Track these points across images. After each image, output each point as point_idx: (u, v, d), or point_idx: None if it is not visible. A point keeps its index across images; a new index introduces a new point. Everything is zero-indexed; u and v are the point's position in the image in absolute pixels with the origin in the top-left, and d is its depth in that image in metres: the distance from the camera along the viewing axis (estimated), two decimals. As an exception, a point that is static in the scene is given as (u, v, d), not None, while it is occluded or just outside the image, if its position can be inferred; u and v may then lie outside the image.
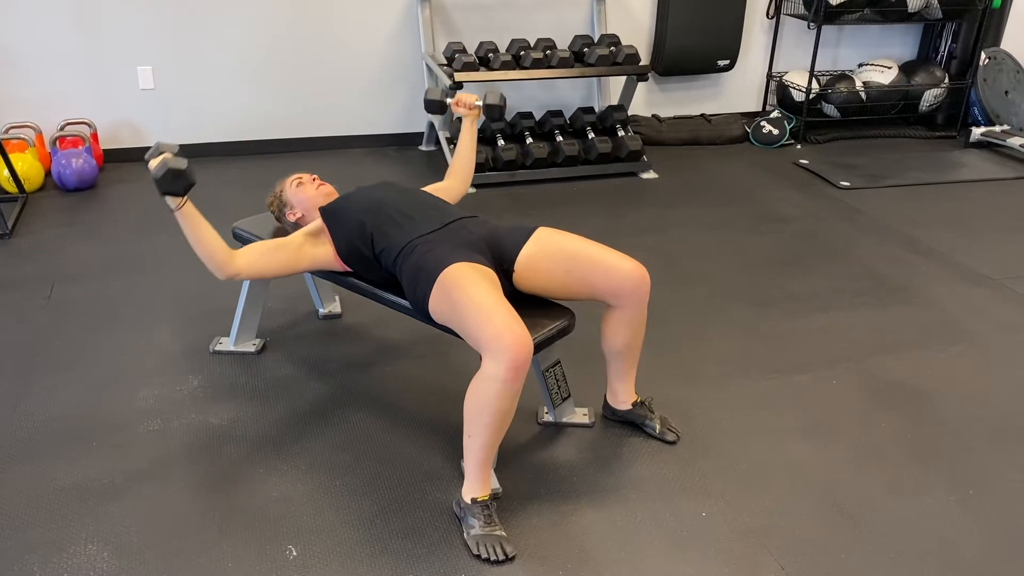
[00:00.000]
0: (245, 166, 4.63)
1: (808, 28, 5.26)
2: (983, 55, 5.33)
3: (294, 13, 4.58)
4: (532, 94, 5.08)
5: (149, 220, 3.84)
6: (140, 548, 1.93)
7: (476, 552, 1.91)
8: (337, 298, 3.06)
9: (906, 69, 5.38)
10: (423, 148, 5.01)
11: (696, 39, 5.04)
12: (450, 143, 4.60)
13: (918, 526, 2.05)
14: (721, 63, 5.17)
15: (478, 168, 4.24)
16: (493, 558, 1.89)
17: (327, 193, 2.46)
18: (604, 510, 2.08)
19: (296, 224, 2.49)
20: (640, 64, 4.48)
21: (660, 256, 3.55)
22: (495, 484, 2.09)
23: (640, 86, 5.11)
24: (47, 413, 2.42)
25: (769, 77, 5.48)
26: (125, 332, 2.87)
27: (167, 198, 1.98)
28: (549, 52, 4.39)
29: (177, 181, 1.93)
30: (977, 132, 5.18)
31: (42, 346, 2.77)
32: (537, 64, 4.33)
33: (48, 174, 4.35)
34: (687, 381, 2.65)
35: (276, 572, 1.87)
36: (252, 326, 2.77)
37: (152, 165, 1.95)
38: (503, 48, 4.72)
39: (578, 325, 2.24)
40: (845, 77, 5.32)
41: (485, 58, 4.44)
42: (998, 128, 5.19)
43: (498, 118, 2.59)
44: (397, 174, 4.54)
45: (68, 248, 3.54)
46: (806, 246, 3.70)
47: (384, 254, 2.18)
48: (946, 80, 5.37)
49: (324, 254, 2.29)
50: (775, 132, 5.18)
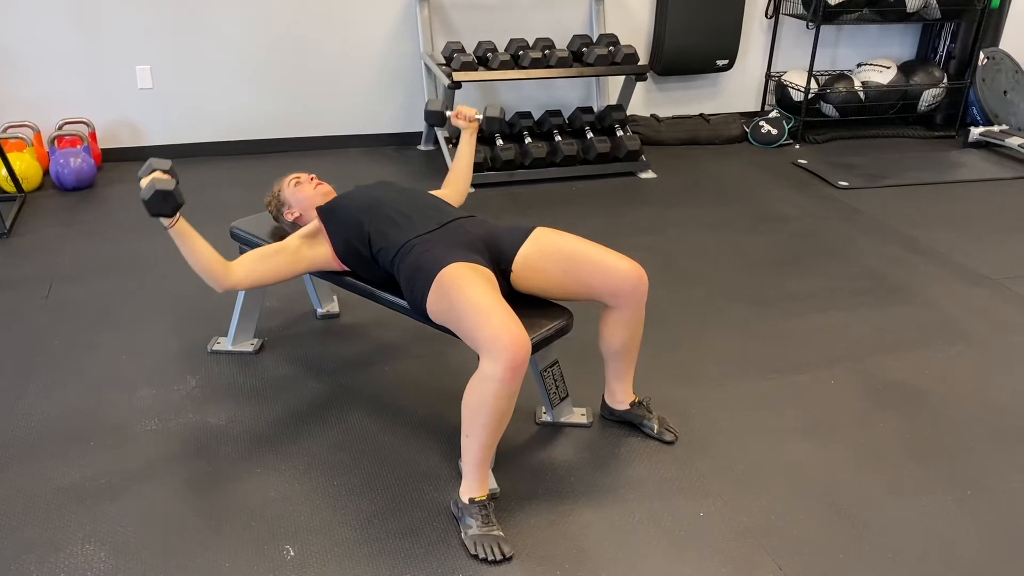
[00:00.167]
0: (243, 165, 4.62)
1: (807, 28, 5.26)
2: (982, 55, 5.33)
3: (293, 13, 4.57)
4: (531, 94, 5.07)
5: (147, 220, 3.82)
6: (137, 548, 1.93)
7: (474, 552, 1.91)
8: (335, 298, 3.06)
9: (905, 69, 5.38)
10: (422, 148, 5.01)
11: (695, 39, 5.04)
12: (449, 143, 4.60)
13: (916, 526, 2.05)
14: (720, 63, 5.17)
15: (477, 168, 4.23)
16: (491, 558, 1.89)
17: (325, 192, 2.46)
18: (602, 510, 2.08)
19: (294, 224, 2.48)
20: (639, 64, 4.48)
21: (658, 256, 3.55)
22: (493, 484, 2.09)
23: (639, 86, 5.11)
24: (45, 413, 2.42)
25: (768, 77, 5.48)
26: (123, 332, 2.87)
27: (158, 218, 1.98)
28: (548, 52, 4.39)
29: (165, 203, 1.93)
30: (976, 132, 5.19)
31: (40, 346, 2.77)
32: (536, 64, 4.33)
33: (46, 173, 4.35)
34: (685, 381, 2.65)
35: (274, 572, 1.87)
36: (250, 326, 2.77)
37: (142, 185, 1.95)
38: (502, 48, 4.72)
39: (576, 325, 2.24)
40: (844, 77, 5.32)
41: (484, 58, 4.44)
42: (997, 128, 5.19)
43: (497, 131, 2.62)
44: (395, 174, 4.53)
45: (66, 248, 3.53)
46: (805, 246, 3.70)
47: (382, 254, 2.18)
48: (945, 80, 5.37)
49: (322, 254, 2.29)
50: (774, 132, 5.18)
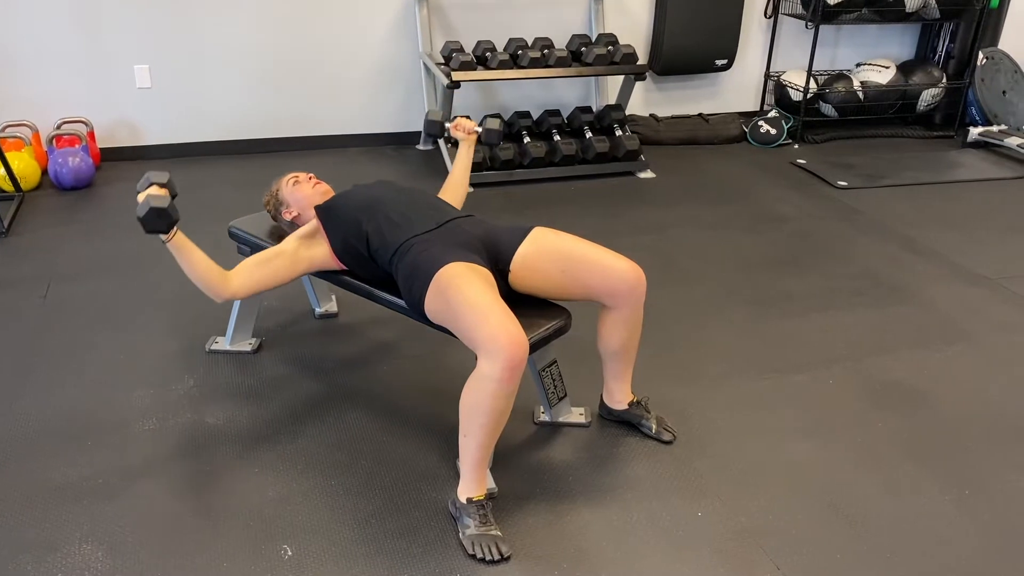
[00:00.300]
0: (241, 165, 4.62)
1: (806, 28, 5.25)
2: (981, 55, 5.33)
3: (291, 12, 4.57)
4: (530, 93, 5.07)
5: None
6: (135, 548, 1.93)
7: (471, 552, 1.91)
8: (333, 297, 3.06)
9: (904, 69, 5.38)
10: (420, 147, 5.00)
11: (694, 39, 5.04)
12: (447, 143, 4.60)
13: (914, 526, 2.05)
14: (719, 63, 5.16)
15: (475, 167, 4.23)
16: (488, 558, 1.89)
17: (323, 192, 2.46)
18: (600, 510, 2.08)
19: (292, 223, 2.48)
20: (638, 63, 4.48)
21: (657, 256, 3.55)
22: (491, 484, 2.09)
23: (638, 85, 5.11)
24: (42, 412, 2.41)
25: (767, 77, 5.48)
26: (121, 331, 2.87)
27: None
28: (547, 51, 4.39)
29: (160, 219, 1.93)
30: (975, 132, 5.19)
31: (38, 345, 2.77)
32: (535, 63, 4.33)
33: (45, 173, 4.34)
34: (683, 381, 2.64)
35: (271, 572, 1.87)
36: (248, 325, 2.77)
37: (138, 199, 1.95)
38: (501, 47, 4.71)
39: (575, 324, 2.24)
40: (843, 77, 5.32)
41: (483, 57, 4.44)
42: (996, 128, 5.19)
43: (496, 143, 2.66)
44: (394, 173, 4.53)
45: (64, 247, 3.53)
46: (803, 246, 3.70)
47: (380, 253, 2.17)
48: (944, 80, 5.37)
49: (321, 254, 2.28)
50: (773, 132, 5.18)
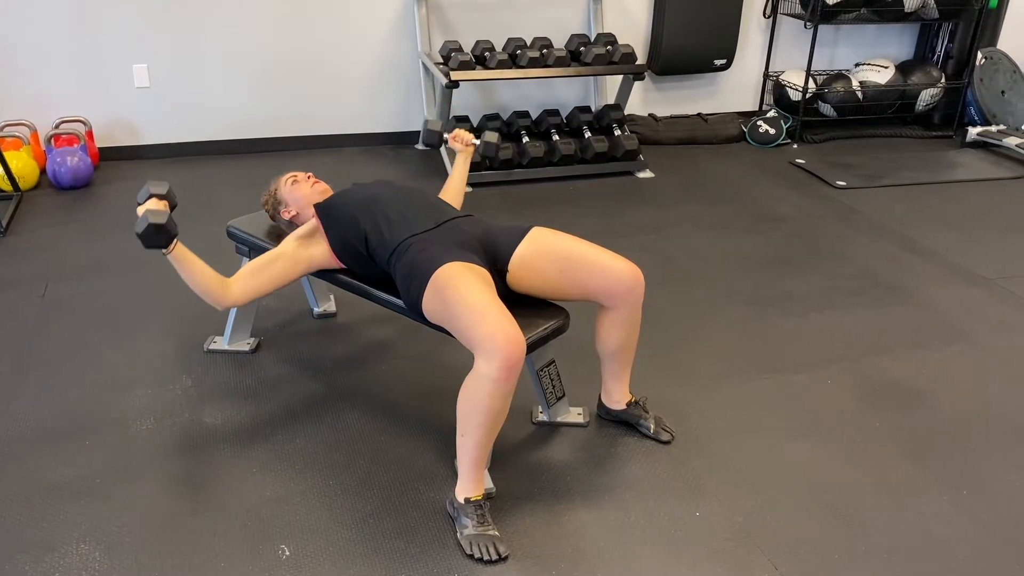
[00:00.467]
0: (240, 164, 4.62)
1: (805, 28, 5.25)
2: (979, 55, 5.33)
3: (290, 11, 4.57)
4: (528, 93, 5.07)
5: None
6: (132, 548, 1.92)
7: (469, 552, 1.90)
8: (332, 297, 3.06)
9: (903, 69, 5.38)
10: (419, 147, 5.00)
11: (693, 38, 5.04)
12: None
13: (912, 526, 2.05)
14: (718, 62, 5.16)
15: (474, 167, 4.22)
16: (486, 558, 1.89)
17: (322, 191, 2.45)
18: (598, 510, 2.08)
19: (290, 222, 2.48)
20: (636, 63, 4.48)
21: (656, 255, 3.55)
22: (489, 484, 2.09)
23: (637, 85, 5.10)
24: (40, 412, 2.41)
25: (766, 76, 5.48)
26: (119, 331, 2.86)
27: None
28: (546, 51, 4.39)
29: (158, 236, 1.94)
30: (973, 132, 5.19)
31: (36, 345, 2.77)
32: (533, 63, 4.33)
33: (43, 172, 4.34)
34: (682, 381, 2.64)
35: (269, 572, 1.87)
36: (246, 325, 2.77)
37: (138, 213, 1.96)
38: (499, 47, 4.71)
39: (573, 324, 2.23)
40: (842, 77, 5.32)
41: (481, 57, 4.44)
42: (994, 128, 5.20)
43: (493, 157, 2.69)
44: (392, 173, 4.53)
45: (62, 247, 3.53)
46: (802, 246, 3.70)
47: (378, 252, 2.17)
48: (942, 80, 5.37)
49: (320, 253, 2.28)
50: (771, 131, 5.18)
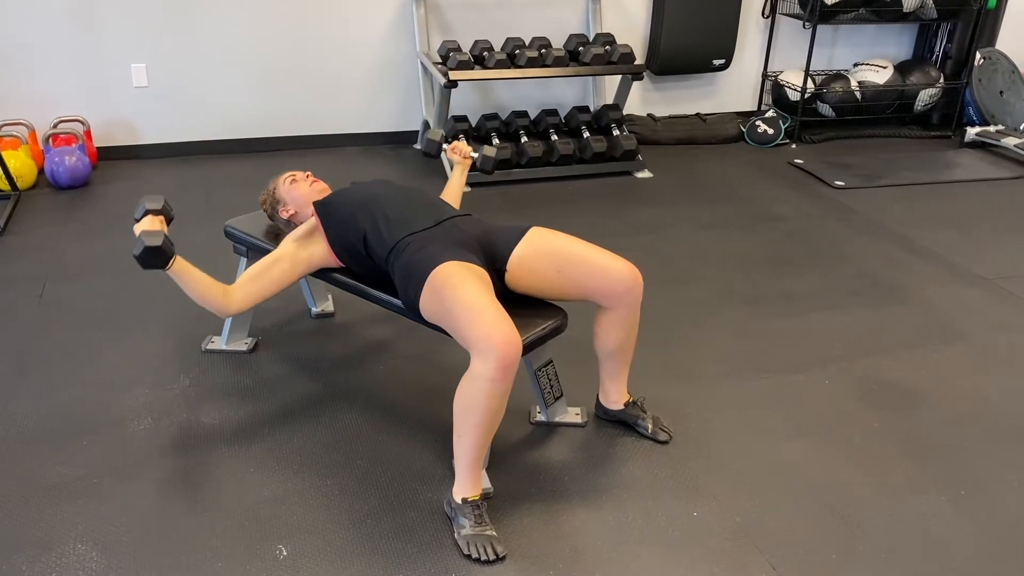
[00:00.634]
0: (238, 164, 4.61)
1: (803, 27, 5.26)
2: (978, 55, 5.33)
3: (288, 11, 4.56)
4: (527, 93, 5.07)
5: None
6: (129, 548, 1.92)
7: (467, 552, 1.90)
8: (330, 297, 3.06)
9: (901, 69, 5.38)
10: (417, 147, 5.00)
11: (691, 38, 5.04)
12: (445, 140, 4.58)
13: (910, 526, 2.05)
14: (716, 62, 5.16)
15: (474, 166, 4.22)
16: (484, 558, 1.89)
17: (320, 190, 2.45)
18: (596, 510, 2.08)
19: (288, 222, 2.48)
20: (635, 63, 4.48)
21: (654, 255, 3.55)
22: (486, 484, 2.09)
23: (635, 85, 5.10)
24: (38, 412, 2.41)
25: (764, 76, 5.48)
26: (117, 331, 2.86)
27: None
28: (544, 51, 4.38)
29: (156, 258, 1.95)
30: (972, 132, 5.19)
31: (34, 345, 2.76)
32: (532, 63, 4.33)
33: (41, 172, 4.33)
34: (680, 380, 2.64)
35: (266, 571, 1.86)
36: (244, 325, 2.76)
37: (135, 232, 1.98)
38: (498, 47, 4.71)
39: (571, 324, 2.23)
40: (840, 77, 5.32)
41: (480, 57, 4.44)
42: (993, 128, 5.20)
43: (490, 171, 2.71)
44: (391, 172, 4.53)
45: (61, 246, 3.52)
46: (800, 246, 3.70)
47: (377, 250, 2.17)
48: (941, 80, 5.38)
49: (319, 252, 2.28)
50: (770, 131, 5.18)
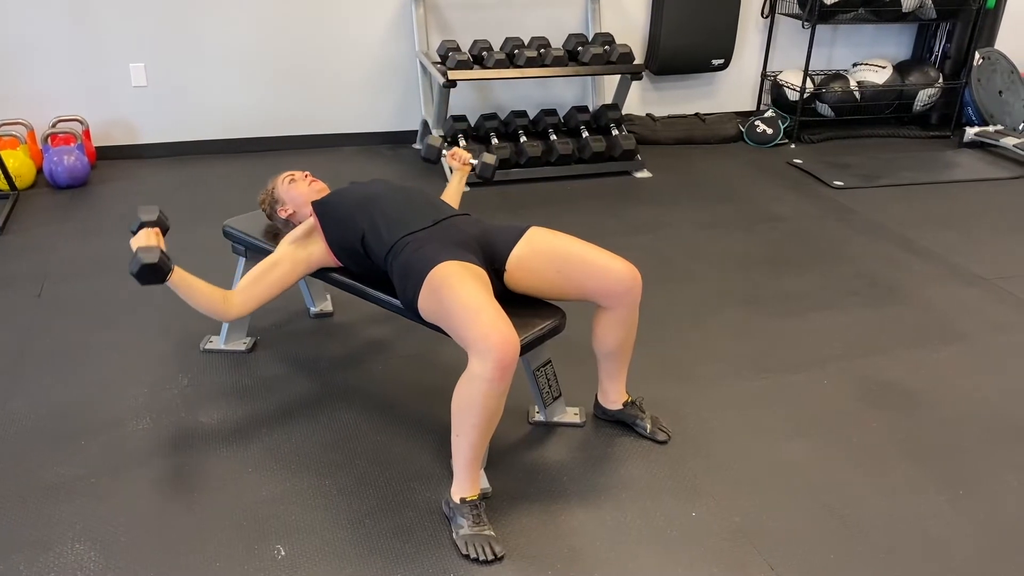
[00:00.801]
0: (237, 164, 4.61)
1: (803, 27, 5.26)
2: (977, 55, 5.33)
3: (287, 10, 4.56)
4: (526, 92, 5.07)
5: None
6: (127, 547, 1.92)
7: (465, 552, 1.90)
8: (328, 297, 3.05)
9: (900, 69, 5.38)
10: (416, 146, 5.00)
11: (690, 38, 5.04)
12: (444, 140, 4.58)
13: (909, 526, 2.05)
14: (715, 62, 5.16)
15: (473, 172, 4.23)
16: (482, 558, 1.89)
17: (319, 190, 2.45)
18: (594, 510, 2.07)
19: (287, 221, 2.48)
20: (634, 63, 4.47)
21: (653, 255, 3.55)
22: (484, 484, 2.09)
23: (634, 85, 5.10)
24: (36, 411, 2.41)
25: (763, 76, 5.48)
26: (115, 330, 2.86)
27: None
28: (543, 50, 4.38)
29: (153, 275, 1.96)
30: (971, 132, 5.19)
31: (32, 344, 2.76)
32: (531, 62, 4.33)
33: (40, 171, 4.32)
34: (679, 380, 2.64)
35: (264, 571, 1.86)
36: (243, 325, 2.76)
37: (132, 246, 1.98)
38: (497, 46, 4.71)
39: (570, 323, 2.23)
40: (839, 77, 5.32)
41: (479, 56, 4.43)
42: (992, 128, 5.20)
43: (490, 178, 2.72)
44: (390, 172, 4.52)
45: (59, 246, 3.52)
46: (799, 246, 3.70)
47: (375, 250, 2.17)
48: (940, 80, 5.38)
49: (318, 252, 2.28)
50: (769, 131, 5.18)
